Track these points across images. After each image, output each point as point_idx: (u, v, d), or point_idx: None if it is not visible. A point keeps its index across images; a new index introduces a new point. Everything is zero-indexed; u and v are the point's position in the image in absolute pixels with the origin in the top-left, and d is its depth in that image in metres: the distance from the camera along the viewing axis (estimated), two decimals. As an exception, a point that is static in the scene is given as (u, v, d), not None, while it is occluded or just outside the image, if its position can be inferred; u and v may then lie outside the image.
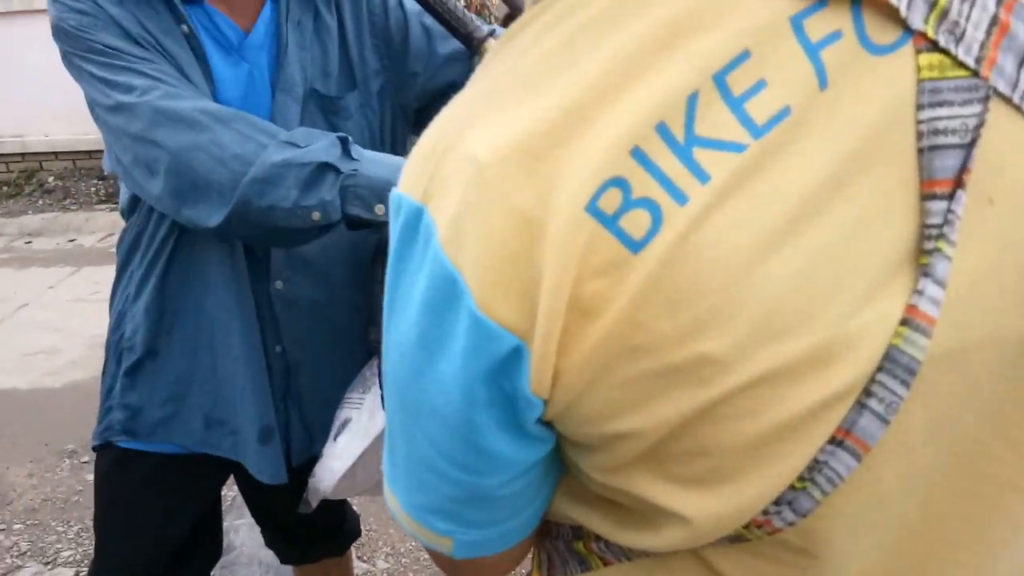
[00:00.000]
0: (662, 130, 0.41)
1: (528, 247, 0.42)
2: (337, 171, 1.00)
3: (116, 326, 1.25)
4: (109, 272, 1.34)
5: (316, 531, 1.55)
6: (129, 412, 1.24)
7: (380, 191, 1.00)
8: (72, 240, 5.18)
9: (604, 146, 0.41)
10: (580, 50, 0.44)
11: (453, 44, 1.25)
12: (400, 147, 1.27)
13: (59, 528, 2.49)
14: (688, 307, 0.41)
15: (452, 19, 1.14)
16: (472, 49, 1.15)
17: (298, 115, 1.16)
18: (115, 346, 1.26)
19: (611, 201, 0.41)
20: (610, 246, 0.41)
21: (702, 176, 0.41)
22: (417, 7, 1.23)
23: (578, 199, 0.41)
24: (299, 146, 1.02)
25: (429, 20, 1.26)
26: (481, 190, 0.42)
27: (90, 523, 2.47)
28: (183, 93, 1.03)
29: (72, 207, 5.76)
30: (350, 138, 1.04)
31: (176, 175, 1.02)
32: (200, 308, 1.18)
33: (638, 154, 0.41)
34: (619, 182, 0.41)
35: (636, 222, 0.41)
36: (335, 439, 1.19)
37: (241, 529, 2.35)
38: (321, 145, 1.02)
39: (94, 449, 1.30)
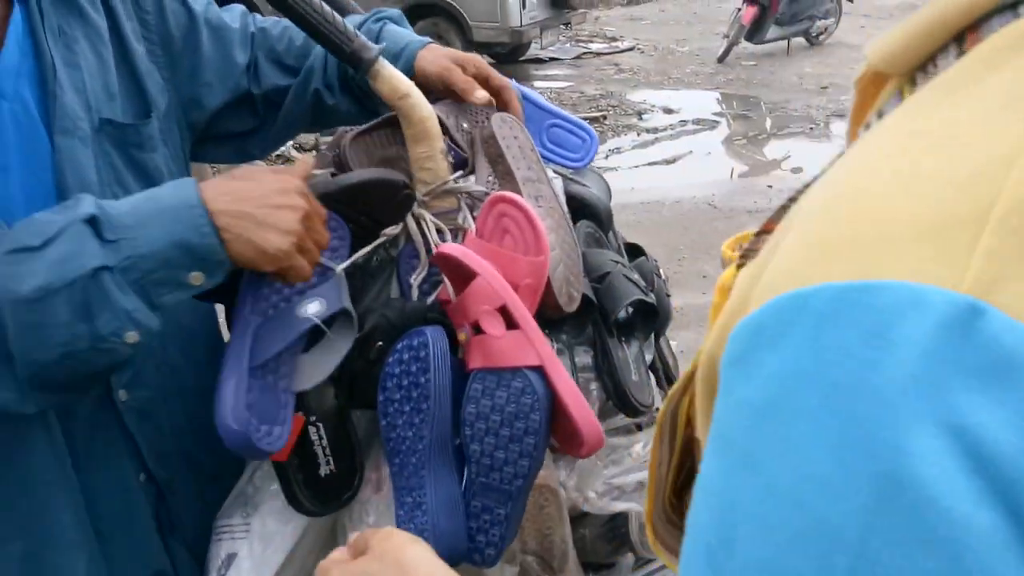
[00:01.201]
0: None
1: None
2: (111, 269, 0.72)
3: None
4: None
5: None
6: None
7: (176, 258, 0.73)
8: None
9: None
10: None
11: (249, 53, 1.02)
12: None
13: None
14: None
15: (333, 33, 0.90)
16: (360, 70, 0.92)
17: (92, 160, 0.83)
18: None
19: None
20: None
21: None
22: (202, 3, 0.99)
23: None
24: (35, 247, 0.71)
25: (214, 14, 1.00)
26: None
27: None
28: None
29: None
30: (96, 203, 0.74)
31: None
32: (16, 477, 0.83)
33: None
34: None
35: None
36: None
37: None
38: (66, 237, 0.71)
39: None
